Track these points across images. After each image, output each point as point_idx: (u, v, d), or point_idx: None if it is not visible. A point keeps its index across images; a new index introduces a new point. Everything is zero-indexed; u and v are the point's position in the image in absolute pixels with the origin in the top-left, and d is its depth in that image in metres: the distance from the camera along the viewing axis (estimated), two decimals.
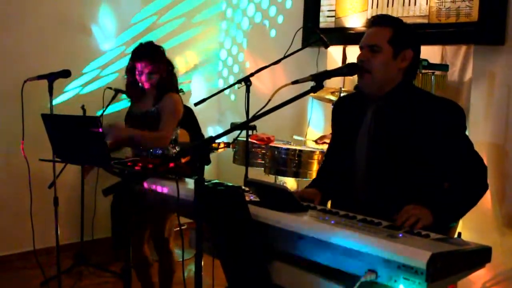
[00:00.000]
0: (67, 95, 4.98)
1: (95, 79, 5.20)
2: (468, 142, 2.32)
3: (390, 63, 2.33)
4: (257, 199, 2.24)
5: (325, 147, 4.51)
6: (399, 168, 2.30)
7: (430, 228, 2.02)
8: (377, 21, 2.40)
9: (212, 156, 5.52)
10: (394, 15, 4.36)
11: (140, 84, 3.61)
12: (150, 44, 3.66)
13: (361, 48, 2.39)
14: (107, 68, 5.28)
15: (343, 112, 2.59)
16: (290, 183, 5.02)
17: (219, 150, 4.62)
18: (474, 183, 2.28)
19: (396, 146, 2.30)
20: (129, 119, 3.70)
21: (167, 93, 3.58)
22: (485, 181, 2.30)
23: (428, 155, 2.27)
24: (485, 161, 2.34)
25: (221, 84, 6.16)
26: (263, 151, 4.49)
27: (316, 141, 4.54)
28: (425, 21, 4.37)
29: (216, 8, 6.16)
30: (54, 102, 3.68)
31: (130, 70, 3.64)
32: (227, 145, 4.63)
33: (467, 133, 2.36)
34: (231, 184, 2.13)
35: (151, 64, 3.54)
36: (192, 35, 5.94)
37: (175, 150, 3.65)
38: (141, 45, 3.64)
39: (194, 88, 6.02)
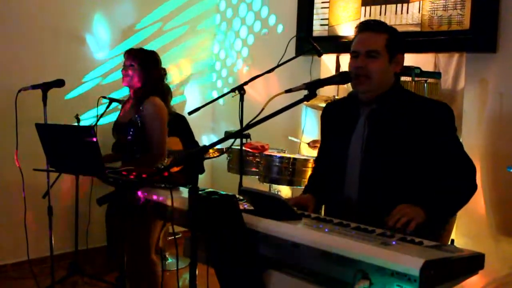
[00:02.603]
0: (61, 104, 4.97)
1: (89, 89, 5.20)
2: (458, 143, 2.36)
3: (387, 68, 2.37)
4: (251, 208, 2.24)
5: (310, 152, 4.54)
6: (393, 171, 2.32)
7: (422, 226, 2.04)
8: (371, 27, 2.41)
9: (206, 164, 5.52)
10: (387, 23, 4.40)
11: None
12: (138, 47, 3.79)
13: (355, 53, 2.39)
14: (101, 77, 5.28)
15: (332, 118, 2.61)
16: (285, 191, 5.03)
17: (212, 155, 4.62)
18: (463, 183, 2.31)
19: (390, 149, 2.32)
20: (116, 128, 3.72)
21: (148, 97, 3.61)
22: (474, 182, 2.33)
23: (421, 156, 2.29)
24: (478, 168, 2.36)
25: (215, 93, 6.17)
26: (257, 160, 4.49)
27: (308, 144, 4.56)
28: (418, 29, 4.40)
29: (211, 17, 6.18)
30: (48, 111, 3.68)
31: None
32: (220, 152, 4.63)
33: (460, 139, 2.38)
34: (225, 193, 2.14)
35: (129, 58, 3.65)
36: (187, 44, 5.96)
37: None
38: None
39: (189, 97, 6.03)
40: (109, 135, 3.80)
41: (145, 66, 3.64)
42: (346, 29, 4.86)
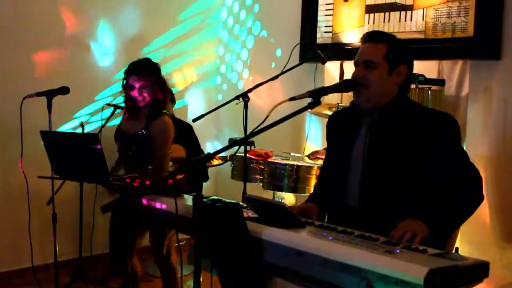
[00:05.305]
0: (66, 112, 4.98)
1: (94, 96, 5.22)
2: (463, 153, 2.34)
3: (386, 78, 2.36)
4: (255, 215, 2.24)
5: (318, 162, 4.52)
6: (394, 180, 2.31)
7: (427, 240, 2.03)
8: (372, 37, 2.42)
9: (210, 172, 5.52)
10: (391, 30, 4.42)
11: (133, 100, 3.61)
12: (144, 60, 3.70)
13: (356, 64, 2.41)
14: (106, 84, 5.29)
15: (337, 126, 2.62)
16: (289, 198, 5.02)
17: (214, 163, 4.61)
18: (470, 194, 2.29)
19: (392, 158, 2.32)
20: (119, 137, 3.70)
21: (160, 115, 3.58)
22: (481, 192, 2.31)
23: (424, 166, 2.29)
24: (483, 175, 2.35)
25: (219, 100, 6.17)
26: (261, 167, 4.49)
27: (308, 156, 4.55)
28: (422, 36, 4.40)
29: (215, 23, 6.19)
30: (53, 119, 3.69)
31: (124, 85, 3.67)
32: (224, 159, 4.63)
33: (464, 146, 2.37)
34: (229, 201, 2.14)
35: (142, 79, 3.56)
36: (191, 50, 5.97)
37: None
38: (137, 60, 3.68)
39: (192, 104, 6.04)
40: (113, 142, 3.80)
41: (153, 80, 3.59)
42: (350, 36, 4.87)
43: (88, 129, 4.85)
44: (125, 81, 3.65)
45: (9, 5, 4.63)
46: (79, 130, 4.58)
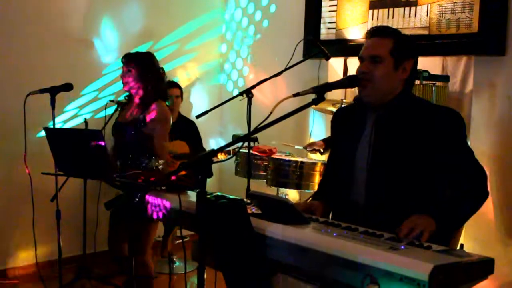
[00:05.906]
0: (69, 108, 4.99)
1: (97, 92, 5.22)
2: (468, 150, 2.34)
3: (391, 74, 2.35)
4: (259, 212, 2.24)
5: (316, 155, 4.51)
6: (400, 176, 2.31)
7: (434, 235, 2.03)
8: (378, 32, 2.41)
9: (214, 168, 5.52)
10: (395, 26, 4.38)
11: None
12: (138, 52, 3.77)
13: (361, 59, 2.40)
14: (109, 81, 5.29)
15: (342, 123, 2.61)
16: (292, 194, 5.01)
17: (219, 158, 4.60)
18: (475, 190, 2.29)
19: (397, 154, 2.31)
20: (115, 128, 3.73)
21: (155, 101, 3.62)
22: (486, 188, 2.31)
23: (429, 162, 2.28)
24: (487, 172, 2.34)
25: (223, 96, 6.16)
26: (265, 163, 4.49)
27: (305, 148, 4.54)
28: (426, 32, 4.38)
29: (218, 19, 6.18)
30: (57, 115, 3.69)
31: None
32: (228, 153, 4.60)
33: (468, 143, 2.37)
34: (233, 197, 2.14)
35: (126, 65, 3.65)
36: (194, 47, 5.96)
37: (158, 162, 3.67)
38: None
39: (196, 100, 6.03)
40: None
41: (141, 70, 3.64)
42: (354, 32, 4.85)
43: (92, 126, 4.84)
44: None
45: (12, 2, 4.63)
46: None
